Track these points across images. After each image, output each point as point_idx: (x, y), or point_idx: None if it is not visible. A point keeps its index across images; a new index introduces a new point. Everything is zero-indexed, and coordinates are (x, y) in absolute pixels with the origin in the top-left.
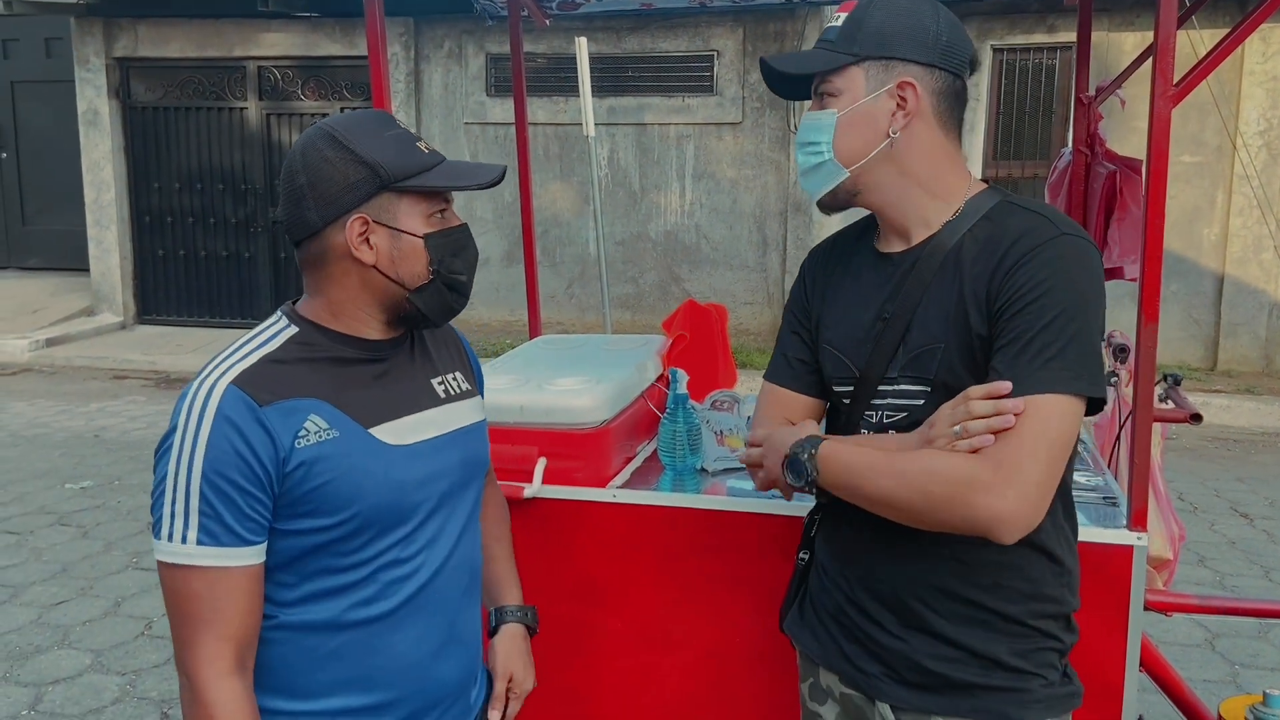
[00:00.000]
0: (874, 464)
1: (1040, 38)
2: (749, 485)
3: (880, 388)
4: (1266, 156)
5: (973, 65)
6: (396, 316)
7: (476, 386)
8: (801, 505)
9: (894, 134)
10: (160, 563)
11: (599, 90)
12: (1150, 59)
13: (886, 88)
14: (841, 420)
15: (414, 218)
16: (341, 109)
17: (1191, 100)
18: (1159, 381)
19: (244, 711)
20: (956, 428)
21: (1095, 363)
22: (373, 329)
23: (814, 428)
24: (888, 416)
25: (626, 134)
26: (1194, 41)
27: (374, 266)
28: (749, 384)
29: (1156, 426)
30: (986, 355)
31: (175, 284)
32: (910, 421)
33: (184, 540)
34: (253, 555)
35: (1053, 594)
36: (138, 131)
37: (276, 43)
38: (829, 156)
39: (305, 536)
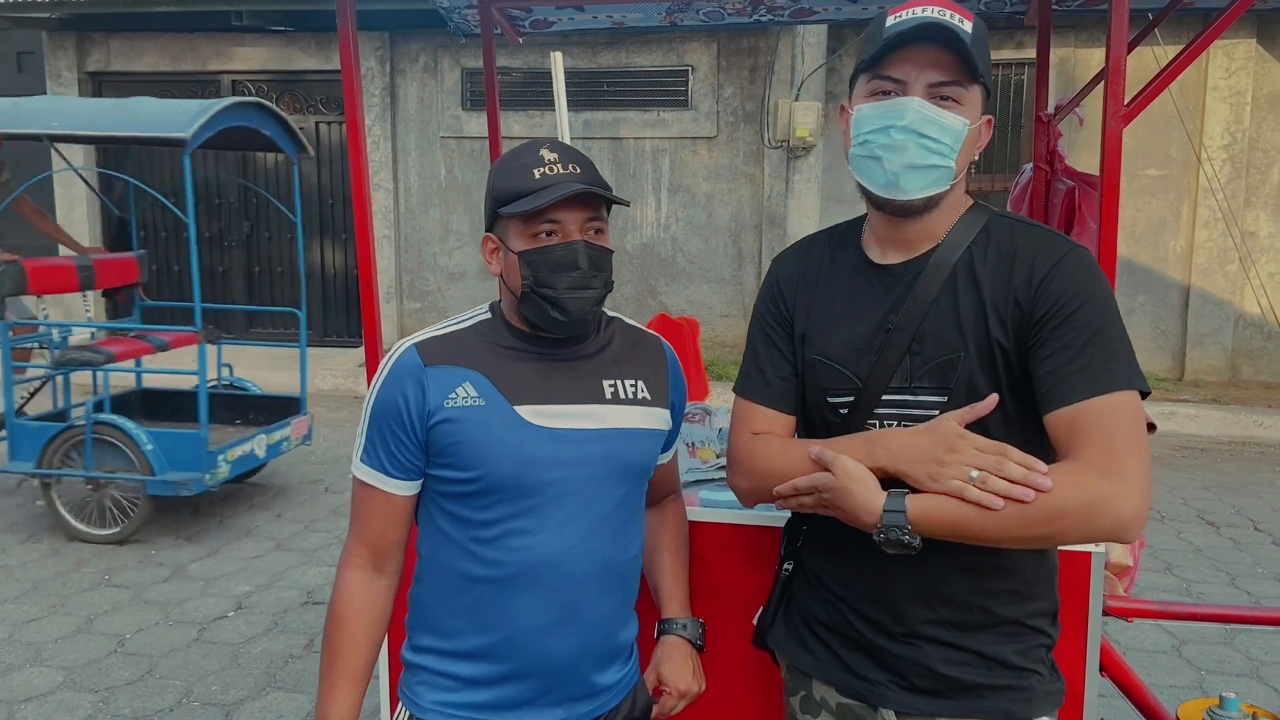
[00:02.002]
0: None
1: (1008, 53)
2: (721, 496)
3: (885, 397)
4: (1230, 170)
5: None
6: (526, 321)
7: (665, 402)
8: (777, 516)
9: (978, 158)
10: None
11: (574, 104)
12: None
13: (985, 116)
14: (836, 431)
15: (519, 237)
16: (316, 123)
17: (1157, 115)
18: None
19: (356, 596)
20: (974, 473)
21: (1137, 362)
22: (526, 326)
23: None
24: (904, 425)
25: (602, 148)
26: (1158, 56)
27: (501, 277)
28: (724, 396)
29: None
30: (1008, 363)
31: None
32: None
33: (358, 456)
34: (396, 487)
35: (1044, 592)
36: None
37: (251, 57)
38: (950, 163)
39: (449, 485)
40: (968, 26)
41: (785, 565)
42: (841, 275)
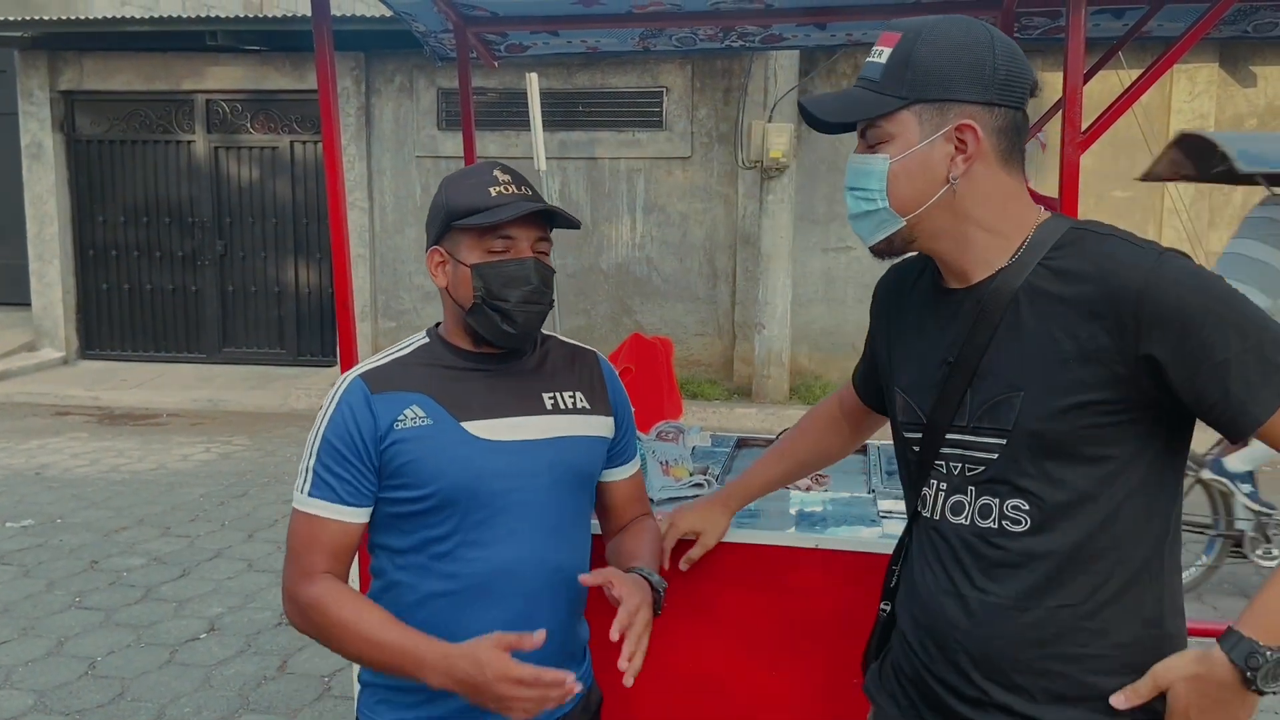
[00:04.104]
0: None
1: None
2: None
3: (949, 436)
4: (1195, 192)
5: (1033, 91)
6: (471, 335)
7: (605, 409)
8: (757, 535)
9: (953, 180)
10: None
11: (550, 124)
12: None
13: (943, 131)
14: (912, 469)
15: (471, 251)
16: (291, 143)
17: (1123, 138)
18: None
19: (339, 591)
20: None
21: None
22: (468, 344)
23: None
24: (969, 469)
25: (578, 168)
26: (1123, 80)
27: (446, 289)
28: (697, 414)
29: None
30: (1077, 401)
31: (119, 318)
32: (988, 477)
33: (302, 490)
34: (350, 514)
35: (1149, 661)
36: (82, 165)
37: (225, 76)
38: (883, 205)
39: (403, 504)
40: (883, 56)
41: (883, 607)
42: (917, 301)
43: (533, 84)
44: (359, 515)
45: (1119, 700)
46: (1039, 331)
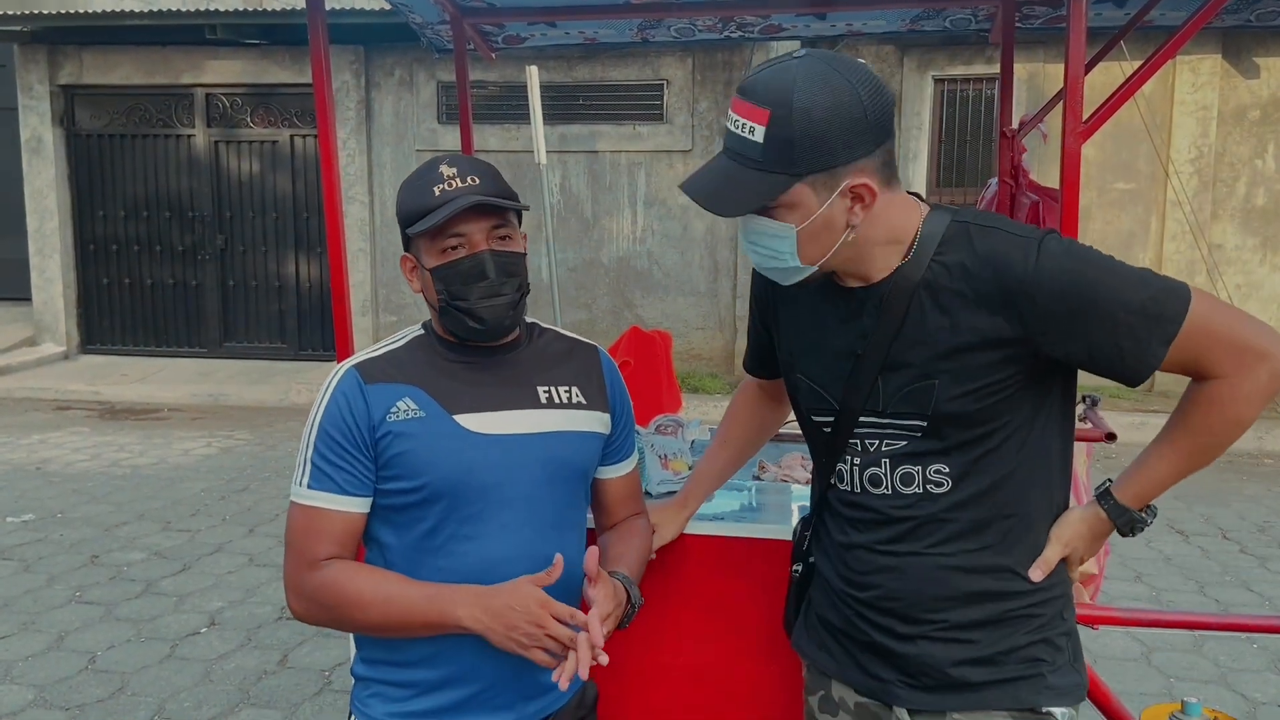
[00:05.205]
0: (1172, 455)
1: (980, 68)
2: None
3: (863, 419)
4: (1198, 183)
5: (894, 108)
6: (451, 333)
7: (603, 406)
8: (743, 528)
9: (854, 225)
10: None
11: (550, 118)
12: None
13: (838, 191)
14: (822, 448)
15: (430, 254)
16: (291, 137)
17: (1125, 129)
18: (1078, 402)
19: (353, 568)
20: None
21: (1162, 278)
22: (454, 338)
23: None
24: (887, 445)
25: (578, 161)
26: (1125, 71)
27: (421, 293)
28: (698, 408)
29: (1080, 445)
30: (987, 382)
31: (120, 313)
32: (909, 451)
33: (300, 483)
34: (351, 504)
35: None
36: (82, 159)
37: (225, 70)
38: (794, 263)
39: (395, 496)
40: (757, 134)
41: (795, 568)
42: (812, 295)
43: (533, 77)
44: (360, 505)
45: (1036, 574)
46: (942, 325)
